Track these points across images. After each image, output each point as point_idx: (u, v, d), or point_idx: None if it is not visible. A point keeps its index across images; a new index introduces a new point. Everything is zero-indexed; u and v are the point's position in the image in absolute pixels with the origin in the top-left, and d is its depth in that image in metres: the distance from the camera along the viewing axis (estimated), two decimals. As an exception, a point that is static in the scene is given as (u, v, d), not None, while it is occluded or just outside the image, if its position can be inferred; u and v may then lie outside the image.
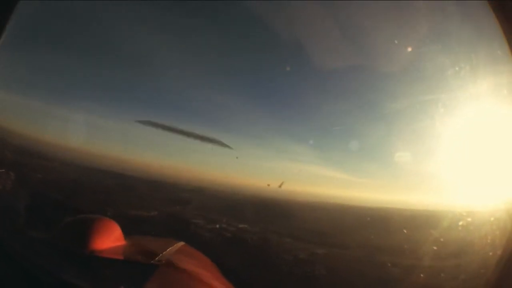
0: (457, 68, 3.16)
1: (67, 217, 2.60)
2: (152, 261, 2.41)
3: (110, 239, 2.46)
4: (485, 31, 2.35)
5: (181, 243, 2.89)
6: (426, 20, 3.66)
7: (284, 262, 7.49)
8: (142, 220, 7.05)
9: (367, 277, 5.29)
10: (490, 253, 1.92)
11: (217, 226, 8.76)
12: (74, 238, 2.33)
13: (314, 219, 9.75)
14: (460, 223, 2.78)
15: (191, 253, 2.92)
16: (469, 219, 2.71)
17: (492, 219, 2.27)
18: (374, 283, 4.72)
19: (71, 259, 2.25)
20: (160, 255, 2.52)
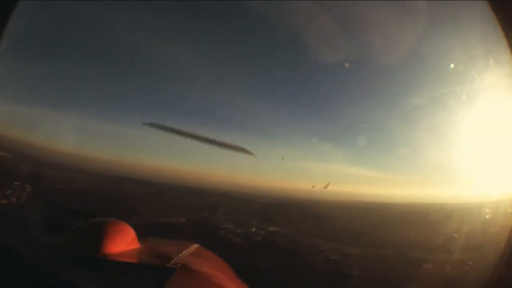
0: (457, 68, 3.17)
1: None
2: (167, 264, 2.36)
3: (124, 242, 2.42)
4: (485, 31, 2.40)
5: (196, 245, 2.83)
6: (426, 20, 3.61)
7: (316, 263, 7.32)
8: (171, 227, 7.10)
9: (399, 275, 5.07)
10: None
11: (248, 230, 8.70)
12: (87, 242, 2.30)
13: (344, 218, 9.52)
14: (488, 215, 2.64)
15: (206, 255, 2.86)
16: (497, 212, 2.57)
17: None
18: (406, 281, 4.52)
19: (84, 263, 2.23)
20: (176, 258, 2.47)
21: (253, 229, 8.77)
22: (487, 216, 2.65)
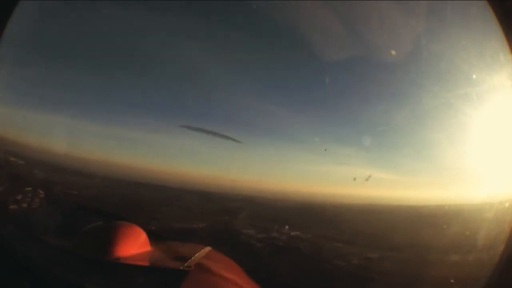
0: (456, 69, 3.14)
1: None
2: (180, 267, 2.34)
3: (135, 245, 2.43)
4: (485, 31, 2.35)
5: (208, 248, 2.81)
6: (425, 20, 3.54)
7: (338, 268, 7.18)
8: (191, 232, 7.10)
9: (423, 279, 4.91)
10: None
11: (269, 235, 8.62)
12: (97, 244, 2.31)
13: (363, 222, 9.35)
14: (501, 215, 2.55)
15: (218, 258, 2.83)
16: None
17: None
18: (428, 284, 4.38)
19: (94, 267, 2.23)
20: (188, 260, 2.45)
21: (275, 234, 8.67)
22: (501, 216, 2.55)
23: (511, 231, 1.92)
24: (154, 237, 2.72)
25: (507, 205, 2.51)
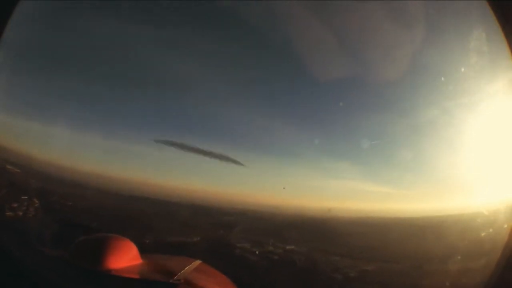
0: (456, 69, 3.19)
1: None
2: (170, 280, 2.35)
3: (126, 258, 2.44)
4: (485, 31, 2.44)
5: (198, 262, 2.83)
6: (424, 22, 3.60)
7: (335, 281, 7.14)
8: (185, 246, 7.05)
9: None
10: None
11: (264, 249, 8.57)
12: (88, 256, 2.33)
13: (359, 235, 9.33)
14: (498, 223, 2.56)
15: (209, 271, 2.84)
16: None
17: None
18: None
19: (87, 276, 2.24)
20: (179, 273, 2.46)
21: (270, 248, 8.63)
22: (497, 224, 2.56)
23: (507, 239, 1.93)
24: (146, 250, 2.73)
25: (502, 213, 2.53)
